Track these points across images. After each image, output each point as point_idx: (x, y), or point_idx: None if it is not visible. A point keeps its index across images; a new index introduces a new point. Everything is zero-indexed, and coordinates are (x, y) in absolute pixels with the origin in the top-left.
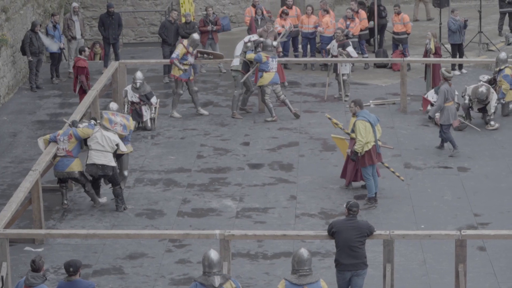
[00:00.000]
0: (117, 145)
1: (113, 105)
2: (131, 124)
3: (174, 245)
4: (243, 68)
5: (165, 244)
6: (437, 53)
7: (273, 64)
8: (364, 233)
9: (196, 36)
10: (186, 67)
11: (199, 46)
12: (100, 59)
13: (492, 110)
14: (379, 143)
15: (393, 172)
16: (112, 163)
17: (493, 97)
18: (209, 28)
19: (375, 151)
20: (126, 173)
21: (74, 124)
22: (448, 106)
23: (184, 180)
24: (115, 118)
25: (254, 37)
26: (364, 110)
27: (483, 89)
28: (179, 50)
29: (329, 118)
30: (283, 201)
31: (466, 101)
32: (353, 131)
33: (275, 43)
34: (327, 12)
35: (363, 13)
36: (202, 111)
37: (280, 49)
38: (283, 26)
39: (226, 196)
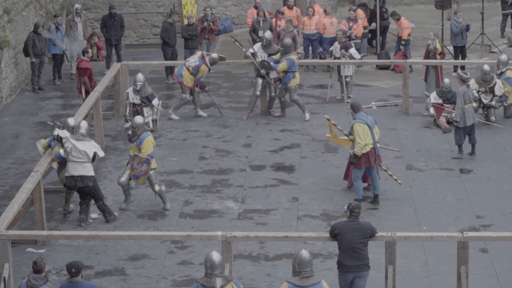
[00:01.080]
0: (95, 153)
1: (138, 119)
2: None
3: (176, 247)
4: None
5: (167, 246)
6: (442, 53)
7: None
8: (366, 235)
9: (215, 56)
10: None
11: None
12: (97, 51)
13: (498, 93)
14: (378, 145)
15: (390, 175)
16: (91, 172)
17: (497, 82)
18: (205, 24)
19: (373, 154)
20: (157, 187)
21: (54, 126)
22: (465, 109)
23: (186, 181)
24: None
25: (256, 47)
26: (361, 113)
27: (486, 66)
28: (203, 70)
29: (328, 119)
30: (285, 202)
31: (476, 94)
32: (351, 133)
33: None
34: (325, 13)
35: (360, 13)
36: (201, 112)
37: (299, 50)
38: (279, 26)
39: (228, 198)
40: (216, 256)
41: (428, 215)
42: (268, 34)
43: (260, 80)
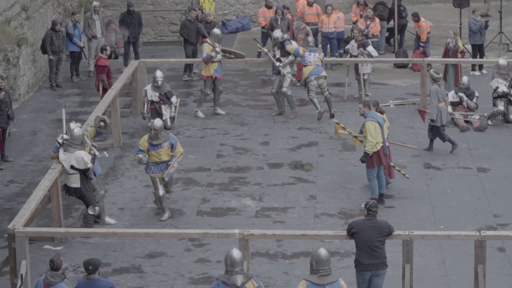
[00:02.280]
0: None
1: (158, 122)
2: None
3: (193, 244)
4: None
5: (184, 243)
6: (462, 52)
7: (311, 58)
8: (384, 233)
9: (217, 30)
10: (216, 66)
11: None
12: (115, 38)
13: None
14: (388, 143)
15: (398, 170)
16: (74, 184)
17: None
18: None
19: (383, 152)
20: (161, 192)
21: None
22: (440, 107)
23: (203, 179)
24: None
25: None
26: (372, 111)
27: (502, 61)
28: (206, 48)
29: (337, 123)
30: (302, 200)
31: (505, 89)
32: (361, 132)
33: (310, 39)
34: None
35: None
36: (219, 110)
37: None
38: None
39: (246, 196)
40: (236, 253)
41: (446, 213)
42: (277, 33)
43: (277, 78)
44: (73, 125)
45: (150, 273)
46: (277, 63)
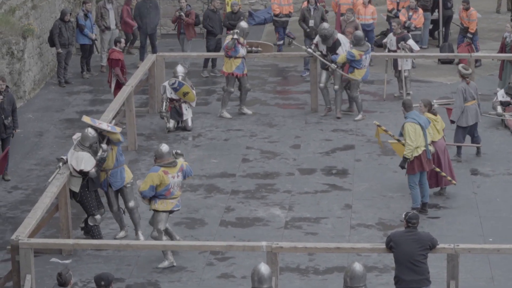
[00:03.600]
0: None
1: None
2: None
3: (216, 258)
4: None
5: (206, 257)
6: None
7: (366, 61)
8: (426, 246)
9: (244, 24)
10: (238, 62)
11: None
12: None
13: None
14: (431, 148)
15: (444, 176)
16: (74, 188)
17: None
18: (177, 13)
19: (426, 157)
20: (132, 203)
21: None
22: (467, 107)
23: (227, 186)
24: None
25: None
26: (414, 111)
27: None
28: (229, 40)
29: (378, 126)
30: (337, 210)
31: None
32: (401, 134)
33: (359, 33)
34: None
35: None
36: (246, 110)
37: None
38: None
39: (274, 204)
40: (264, 268)
41: (495, 225)
42: (326, 26)
43: (324, 72)
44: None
45: None
46: (333, 66)
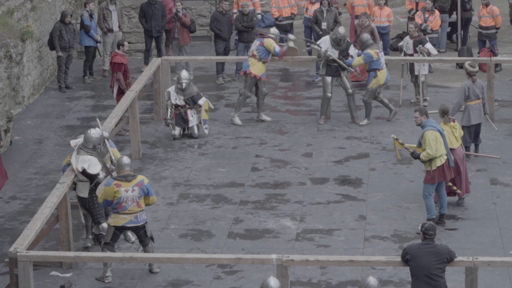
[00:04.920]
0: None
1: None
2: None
3: (224, 272)
4: (328, 71)
5: (213, 270)
6: None
7: (383, 59)
8: (443, 259)
9: (275, 30)
10: (265, 66)
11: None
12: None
13: None
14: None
15: (450, 186)
16: (80, 194)
17: None
18: (174, 10)
19: (448, 165)
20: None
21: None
22: (470, 105)
23: (236, 196)
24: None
25: (324, 42)
26: (431, 119)
27: None
28: (274, 43)
29: (396, 139)
30: (350, 221)
31: None
32: (420, 143)
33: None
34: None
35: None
36: (264, 117)
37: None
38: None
39: (285, 215)
40: (274, 282)
41: None
42: (341, 31)
43: (329, 79)
44: (98, 130)
45: None
46: (351, 69)
